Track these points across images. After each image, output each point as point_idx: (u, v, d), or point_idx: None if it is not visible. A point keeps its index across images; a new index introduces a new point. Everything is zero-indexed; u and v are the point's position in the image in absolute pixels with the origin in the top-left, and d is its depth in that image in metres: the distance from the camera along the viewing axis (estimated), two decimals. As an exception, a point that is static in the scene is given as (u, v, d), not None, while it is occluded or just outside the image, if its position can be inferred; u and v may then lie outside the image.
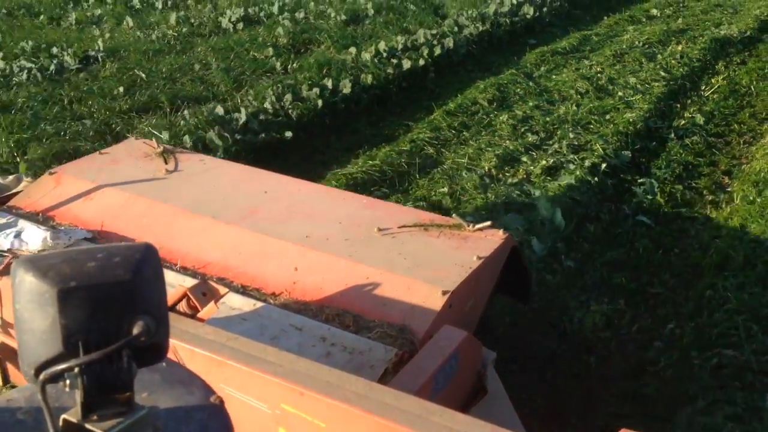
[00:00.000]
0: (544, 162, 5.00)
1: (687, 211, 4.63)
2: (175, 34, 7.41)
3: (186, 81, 6.06)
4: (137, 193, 2.65)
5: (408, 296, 2.07)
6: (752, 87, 6.70)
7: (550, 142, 5.41)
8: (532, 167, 4.96)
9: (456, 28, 7.63)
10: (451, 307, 2.05)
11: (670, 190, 4.84)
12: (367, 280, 2.15)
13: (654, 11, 9.23)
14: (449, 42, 7.21)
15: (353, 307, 2.08)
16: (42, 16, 8.26)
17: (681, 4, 9.66)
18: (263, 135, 5.15)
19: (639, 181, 4.95)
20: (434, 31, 7.50)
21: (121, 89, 5.78)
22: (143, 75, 6.08)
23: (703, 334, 3.27)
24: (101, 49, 6.75)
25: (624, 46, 7.64)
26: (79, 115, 5.27)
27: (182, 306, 2.12)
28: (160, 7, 8.79)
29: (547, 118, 5.80)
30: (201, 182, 2.75)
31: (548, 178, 4.82)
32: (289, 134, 5.25)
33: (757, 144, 5.50)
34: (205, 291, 2.15)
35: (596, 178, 4.79)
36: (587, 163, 4.95)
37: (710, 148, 5.55)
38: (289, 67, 6.56)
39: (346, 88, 5.93)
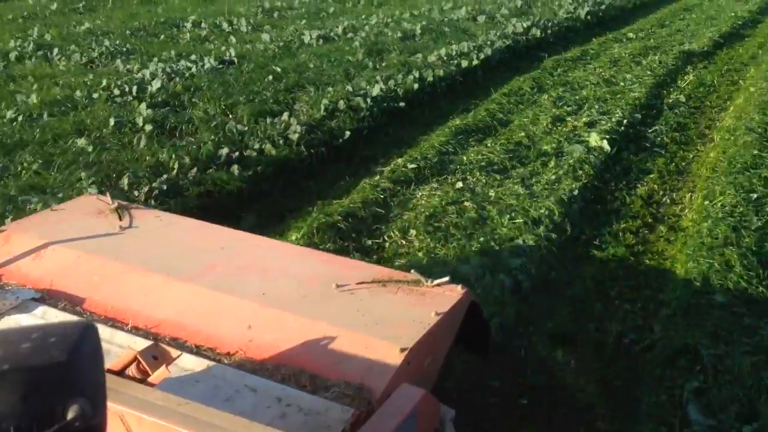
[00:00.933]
0: (584, 119, 7.22)
1: (685, 147, 6.89)
2: (275, 47, 9.49)
3: (310, 73, 8.13)
4: (88, 250, 2.52)
5: (366, 354, 2.01)
6: (714, 81, 9.18)
7: (582, 111, 7.63)
8: (576, 123, 7.16)
9: (489, 42, 9.93)
10: (409, 364, 1.99)
11: (672, 135, 7.12)
12: (324, 337, 2.08)
13: (631, 34, 11.78)
14: (487, 51, 9.50)
15: (310, 366, 2.02)
16: (162, 36, 10.27)
17: (650, 30, 12.27)
18: (385, 104, 7.24)
19: (649, 131, 7.21)
20: (473, 44, 9.78)
21: (270, 78, 7.81)
22: (279, 69, 8.13)
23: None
24: (233, 54, 8.78)
25: (615, 56, 10.07)
26: (255, 90, 7.29)
27: (132, 370, 2.01)
28: (245, 30, 10.89)
29: (575, 97, 8.06)
30: (156, 238, 2.65)
31: (588, 128, 7.02)
32: (402, 104, 7.37)
33: (725, 111, 7.87)
34: (156, 354, 2.05)
35: (621, 128, 7.02)
36: (614, 119, 7.18)
37: (692, 115, 7.90)
38: (377, 65, 8.70)
39: (429, 77, 8.10)
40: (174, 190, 4.91)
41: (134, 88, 7.04)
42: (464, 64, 8.77)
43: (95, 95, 6.86)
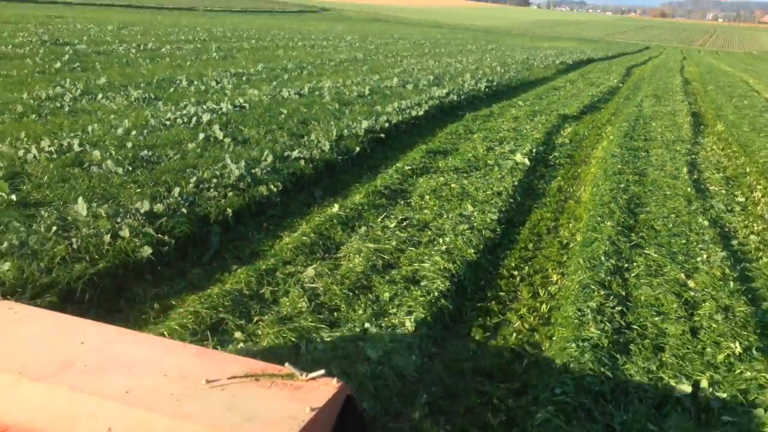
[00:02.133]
0: (507, 148, 10.54)
1: (575, 167, 10.35)
2: (266, 98, 12.32)
3: (307, 115, 11.00)
4: None
5: None
6: (585, 132, 12.98)
7: (503, 144, 10.95)
8: (502, 150, 10.45)
9: (423, 101, 13.28)
10: None
11: (565, 160, 10.57)
12: None
13: (520, 102, 15.65)
14: (424, 106, 12.82)
15: None
16: (171, 89, 12.77)
17: (533, 101, 16.24)
18: (371, 135, 10.20)
19: (550, 157, 10.65)
20: (412, 102, 13.08)
21: (282, 116, 10.62)
22: (284, 111, 10.97)
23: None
24: (243, 101, 11.49)
25: (514, 115, 13.72)
26: (278, 123, 10.07)
27: None
28: (231, 87, 13.63)
29: (497, 136, 11.43)
30: (8, 333, 2.41)
31: (511, 153, 10.30)
32: (383, 135, 10.40)
33: (595, 148, 11.52)
34: None
35: (533, 154, 10.37)
36: (525, 149, 10.53)
37: (575, 149, 11.47)
38: (350, 111, 11.71)
39: (394, 120, 11.22)
40: (275, 171, 7.55)
41: (193, 119, 9.58)
42: (414, 113, 11.98)
43: (168, 123, 9.33)
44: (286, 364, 2.25)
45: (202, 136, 8.62)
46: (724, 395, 4.03)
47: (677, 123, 14.23)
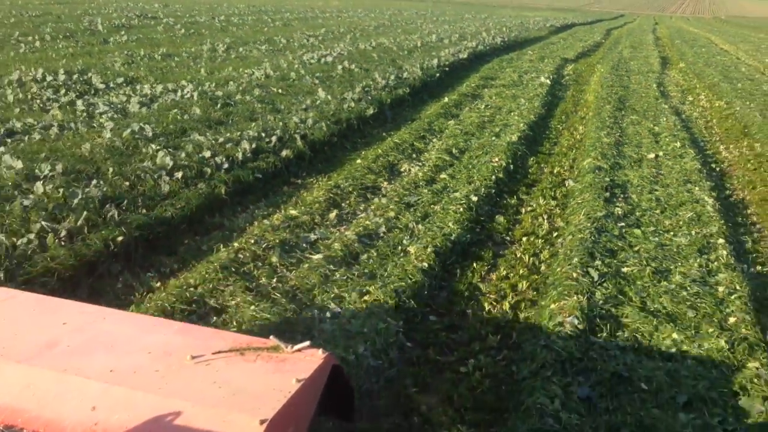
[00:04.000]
0: (533, 75, 15.20)
1: (577, 90, 15.05)
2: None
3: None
4: None
5: (224, 429, 1.87)
6: (582, 68, 17.67)
7: (529, 74, 15.58)
8: (531, 76, 15.09)
9: (463, 49, 17.88)
10: None
11: (571, 85, 15.28)
12: (179, 414, 1.91)
13: (530, 52, 20.27)
14: (464, 53, 17.42)
15: None
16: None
17: (540, 50, 20.88)
18: (440, 68, 14.81)
19: (562, 81, 15.34)
20: (453, 50, 17.67)
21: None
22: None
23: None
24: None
25: (529, 58, 18.35)
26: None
27: None
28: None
29: (522, 70, 16.08)
30: None
31: (535, 77, 14.95)
32: (447, 69, 15.02)
33: (592, 75, 16.22)
34: None
35: (551, 78, 15.06)
36: (545, 75, 15.19)
37: (576, 79, 16.15)
38: (415, 55, 16.26)
39: (450, 59, 15.83)
40: (401, 81, 12.13)
41: (323, 59, 14.11)
42: (460, 56, 16.57)
43: (314, 61, 13.88)
44: (271, 336, 2.22)
45: (339, 68, 13.19)
46: (668, 158, 8.67)
47: (649, 62, 18.96)
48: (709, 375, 3.79)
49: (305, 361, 2.15)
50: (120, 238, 5.04)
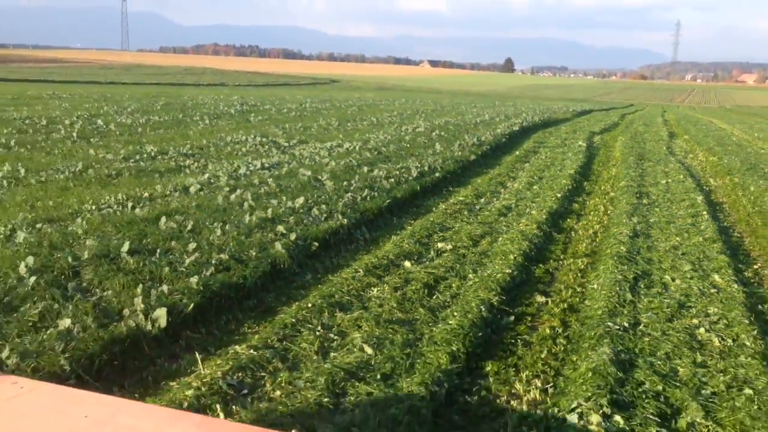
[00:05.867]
0: (571, 141, 20.28)
1: (607, 152, 20.08)
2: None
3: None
4: None
5: None
6: (607, 138, 22.76)
7: (567, 141, 20.66)
8: (570, 142, 20.17)
9: (513, 125, 23.08)
10: None
11: (601, 150, 20.32)
12: None
13: (563, 128, 25.49)
14: (514, 128, 22.62)
15: None
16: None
17: (568, 128, 26.10)
18: (501, 137, 19.98)
19: (593, 146, 20.39)
20: (505, 126, 22.86)
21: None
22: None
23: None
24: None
25: (563, 132, 23.51)
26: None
27: None
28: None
29: (562, 138, 21.17)
30: (12, 409, 2.39)
31: (573, 142, 19.99)
32: (504, 139, 20.16)
33: (615, 143, 21.28)
34: None
35: (587, 143, 20.09)
36: (581, 141, 20.25)
37: (604, 145, 21.21)
38: (480, 129, 21.44)
39: (507, 131, 21.00)
40: (452, 160, 17.18)
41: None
42: (512, 129, 21.72)
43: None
44: (293, 431, 2.33)
45: (433, 134, 18.30)
46: (674, 182, 13.39)
47: (659, 135, 24.03)
48: (692, 249, 8.37)
49: None
50: (388, 201, 9.84)
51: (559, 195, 11.43)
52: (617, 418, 4.23)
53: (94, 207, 8.13)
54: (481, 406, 4.59)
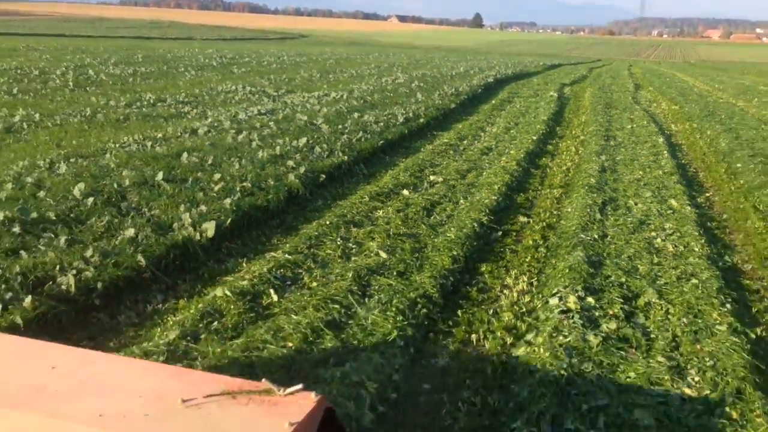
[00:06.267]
0: (543, 91, 21.28)
1: (576, 103, 21.15)
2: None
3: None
4: None
5: None
6: (577, 89, 23.84)
7: (540, 91, 21.66)
8: (543, 92, 21.17)
9: (487, 77, 23.98)
10: None
11: (572, 100, 21.39)
12: None
13: (534, 80, 26.44)
14: (488, 80, 23.53)
15: None
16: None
17: (540, 80, 27.08)
18: (477, 88, 20.89)
19: (563, 95, 21.44)
20: (479, 78, 23.76)
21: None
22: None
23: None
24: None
25: (535, 84, 24.49)
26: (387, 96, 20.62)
27: None
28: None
29: (534, 89, 22.17)
30: None
31: (545, 93, 21.02)
32: (479, 91, 21.09)
33: (584, 93, 22.35)
34: None
35: (556, 93, 21.14)
36: (552, 91, 21.27)
37: (574, 94, 22.28)
38: (456, 81, 22.30)
39: (482, 83, 21.91)
40: (452, 96, 18.09)
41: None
42: (487, 81, 22.63)
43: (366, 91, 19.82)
44: (264, 379, 2.21)
45: (413, 85, 19.12)
46: (639, 128, 14.52)
47: (626, 86, 25.13)
48: (653, 181, 9.46)
49: (298, 404, 2.12)
50: (381, 142, 10.75)
51: (534, 138, 12.43)
52: (589, 299, 5.28)
53: (116, 145, 8.90)
54: (480, 293, 5.63)
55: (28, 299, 4.38)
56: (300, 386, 2.16)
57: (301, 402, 2.12)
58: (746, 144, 12.12)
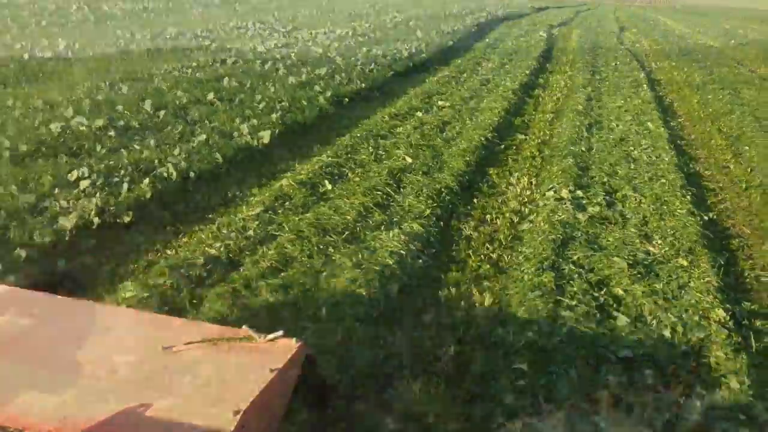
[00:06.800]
0: (534, 31, 22.29)
1: (566, 38, 22.22)
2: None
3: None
4: None
5: (197, 420, 1.85)
6: (564, 31, 24.87)
7: (530, 32, 22.65)
8: (533, 32, 22.18)
9: (479, 17, 24.88)
10: (243, 427, 1.86)
11: (561, 36, 22.44)
12: (150, 406, 1.89)
13: (523, 22, 27.38)
14: (480, 19, 24.45)
15: None
16: None
17: (529, 21, 28.01)
18: (463, 29, 21.84)
19: (552, 36, 22.49)
20: (467, 20, 24.66)
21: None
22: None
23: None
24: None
25: (523, 25, 25.44)
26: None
27: None
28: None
29: (525, 30, 23.15)
30: None
31: (535, 33, 22.02)
32: (456, 38, 22.06)
33: (572, 35, 23.38)
34: None
35: (545, 34, 22.16)
36: (541, 32, 22.28)
37: (563, 35, 23.32)
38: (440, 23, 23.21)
39: (469, 25, 22.85)
40: (449, 32, 19.09)
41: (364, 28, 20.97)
42: (478, 21, 23.55)
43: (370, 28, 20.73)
44: (244, 326, 2.22)
45: (411, 23, 20.05)
46: (622, 65, 15.70)
47: (611, 29, 26.14)
48: (633, 108, 10.73)
49: (279, 350, 2.13)
50: (391, 73, 11.92)
51: (527, 72, 13.62)
52: (579, 192, 6.60)
53: (160, 71, 9.99)
54: (490, 189, 6.95)
55: (145, 181, 5.62)
56: (280, 333, 2.20)
57: (282, 348, 2.15)
58: (717, 79, 13.41)
